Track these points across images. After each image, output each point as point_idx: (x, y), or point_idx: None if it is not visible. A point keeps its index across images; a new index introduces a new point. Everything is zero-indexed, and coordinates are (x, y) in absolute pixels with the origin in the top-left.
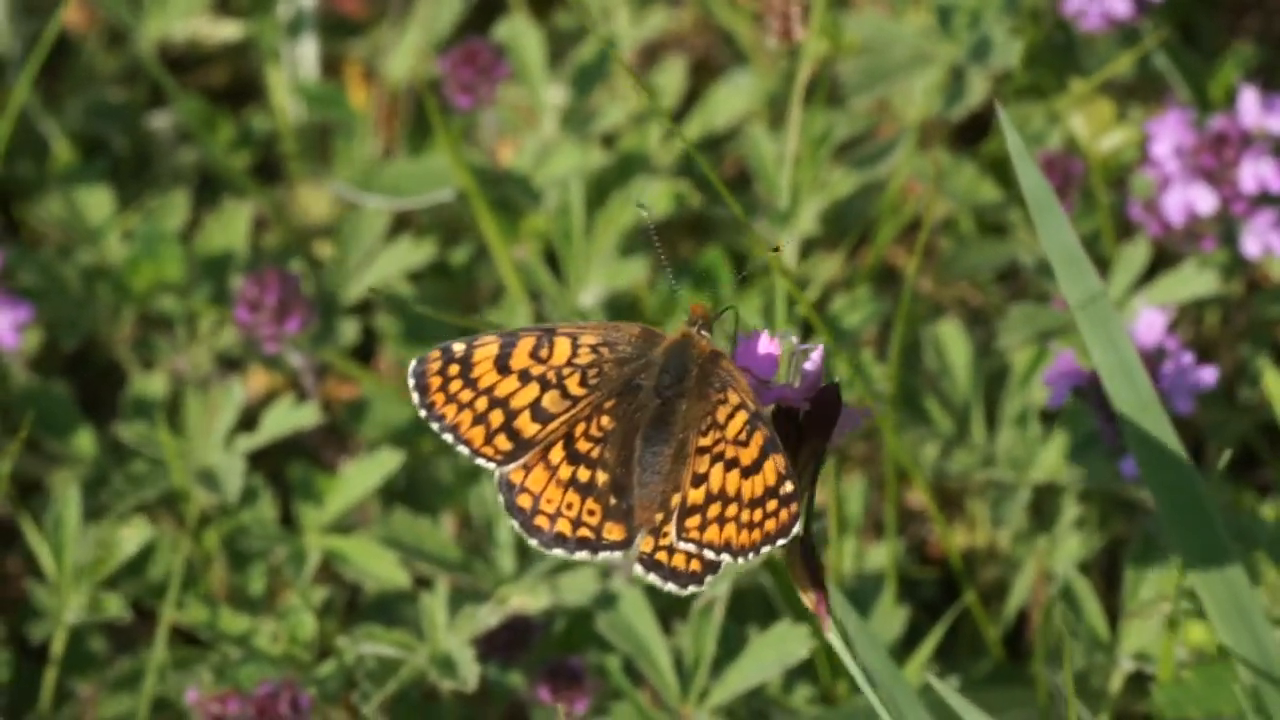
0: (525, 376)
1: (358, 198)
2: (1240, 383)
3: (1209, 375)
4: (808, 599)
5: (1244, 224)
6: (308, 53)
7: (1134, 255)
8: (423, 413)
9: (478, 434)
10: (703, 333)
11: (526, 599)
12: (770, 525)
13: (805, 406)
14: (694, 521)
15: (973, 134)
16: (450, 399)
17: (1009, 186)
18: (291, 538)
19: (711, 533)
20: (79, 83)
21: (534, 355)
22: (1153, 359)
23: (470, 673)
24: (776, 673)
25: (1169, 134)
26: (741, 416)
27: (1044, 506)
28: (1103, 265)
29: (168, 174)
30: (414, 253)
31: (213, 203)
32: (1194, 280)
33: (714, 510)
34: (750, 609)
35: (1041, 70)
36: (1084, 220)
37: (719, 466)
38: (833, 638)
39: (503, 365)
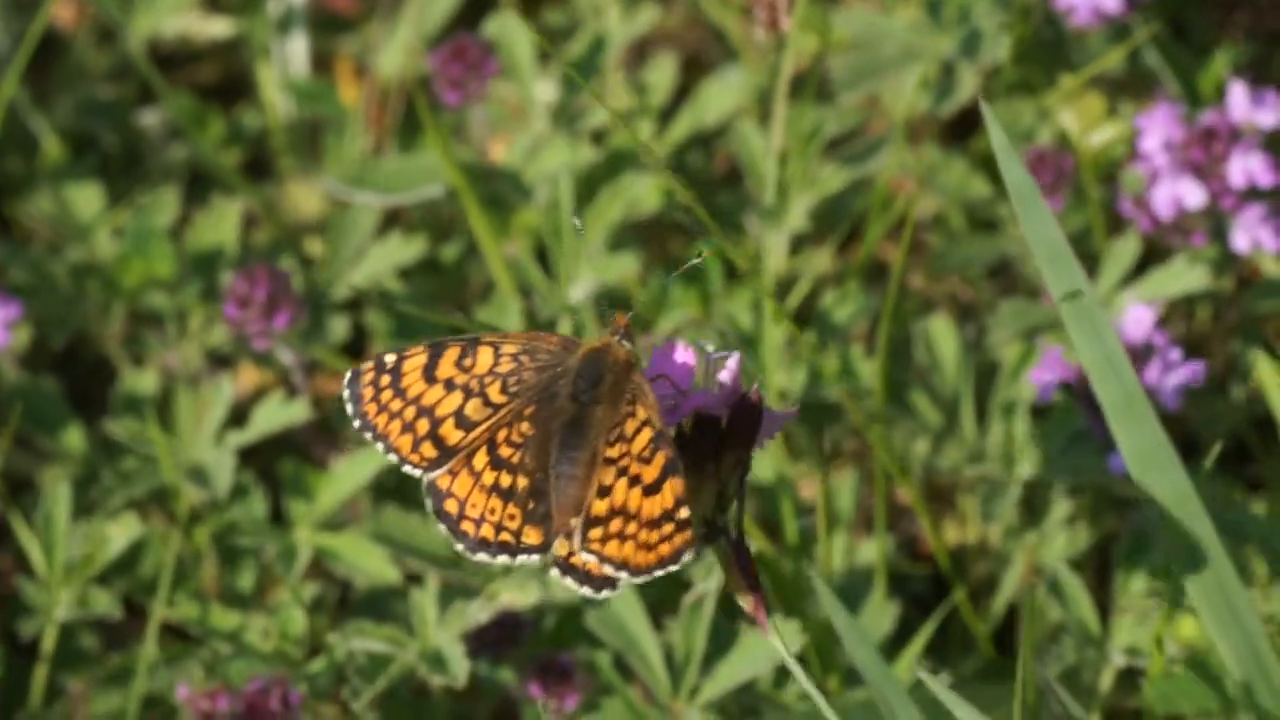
0: (450, 385)
1: (348, 194)
2: (1231, 378)
3: (1197, 370)
4: (745, 602)
5: (1233, 219)
6: (298, 49)
7: (1124, 250)
8: (356, 423)
9: (405, 442)
10: (623, 342)
11: (516, 595)
12: (665, 549)
13: (724, 414)
14: (596, 533)
15: (962, 129)
16: (381, 409)
17: (999, 182)
18: (282, 534)
19: (611, 547)
20: (68, 79)
21: (458, 364)
22: (1141, 354)
23: (460, 669)
24: (767, 668)
25: (1158, 129)
26: (647, 433)
27: (1034, 502)
28: (1093, 261)
29: (158, 171)
30: (404, 249)
31: (203, 200)
32: (1184, 275)
33: (615, 525)
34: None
35: (1031, 66)
36: (1074, 216)
37: (623, 481)
38: (774, 640)
39: (429, 375)
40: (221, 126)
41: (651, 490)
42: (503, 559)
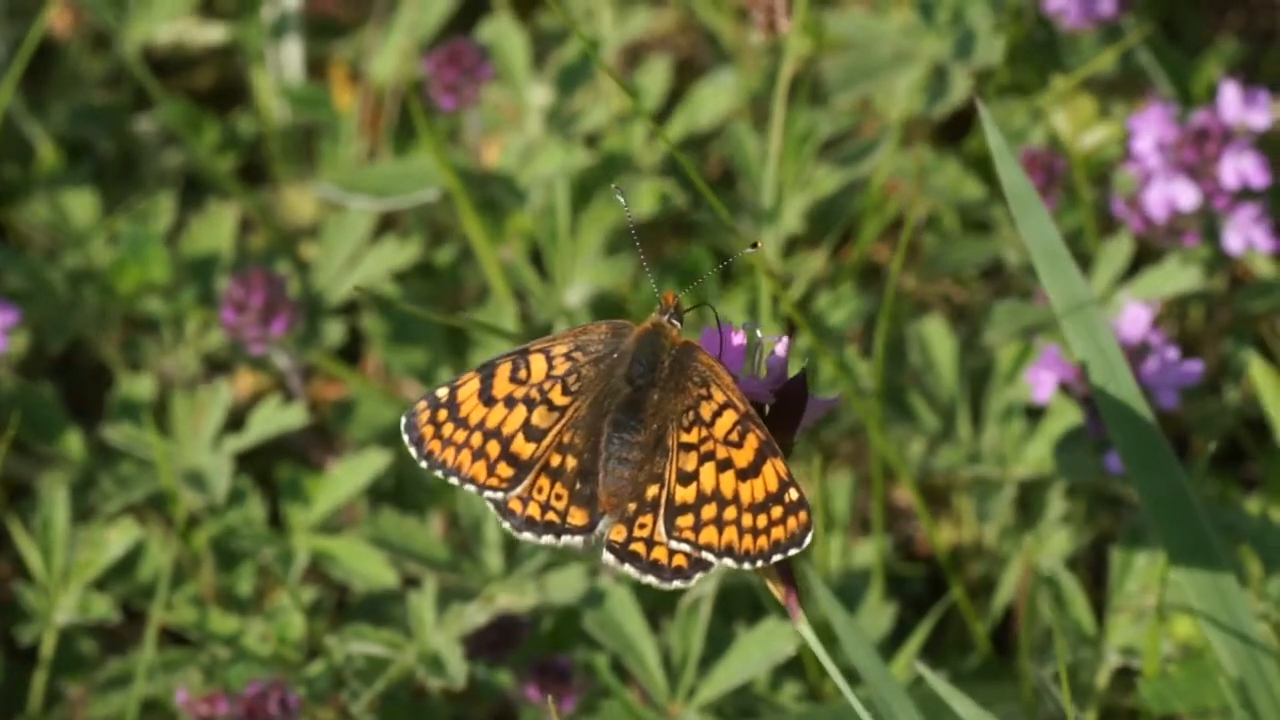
0: (510, 401)
1: (342, 199)
2: (1224, 378)
3: (1194, 369)
4: (778, 591)
5: (1226, 219)
6: (292, 55)
7: (1117, 251)
8: (423, 464)
9: (479, 469)
10: (673, 322)
11: (514, 597)
12: (778, 533)
13: (771, 399)
14: (686, 521)
15: (955, 131)
16: (447, 443)
17: (992, 183)
18: (279, 538)
19: (709, 534)
20: (64, 86)
21: (513, 379)
22: (1137, 353)
23: (458, 671)
24: (764, 670)
25: (1151, 129)
26: (730, 416)
27: (1030, 502)
28: (1086, 262)
29: (153, 177)
30: (399, 253)
31: (198, 205)
32: (1177, 275)
33: (709, 511)
34: (737, 606)
35: (1024, 67)
36: (1067, 217)
37: (709, 466)
38: (805, 630)
39: (487, 397)
40: (216, 132)
41: (748, 474)
42: (547, 539)
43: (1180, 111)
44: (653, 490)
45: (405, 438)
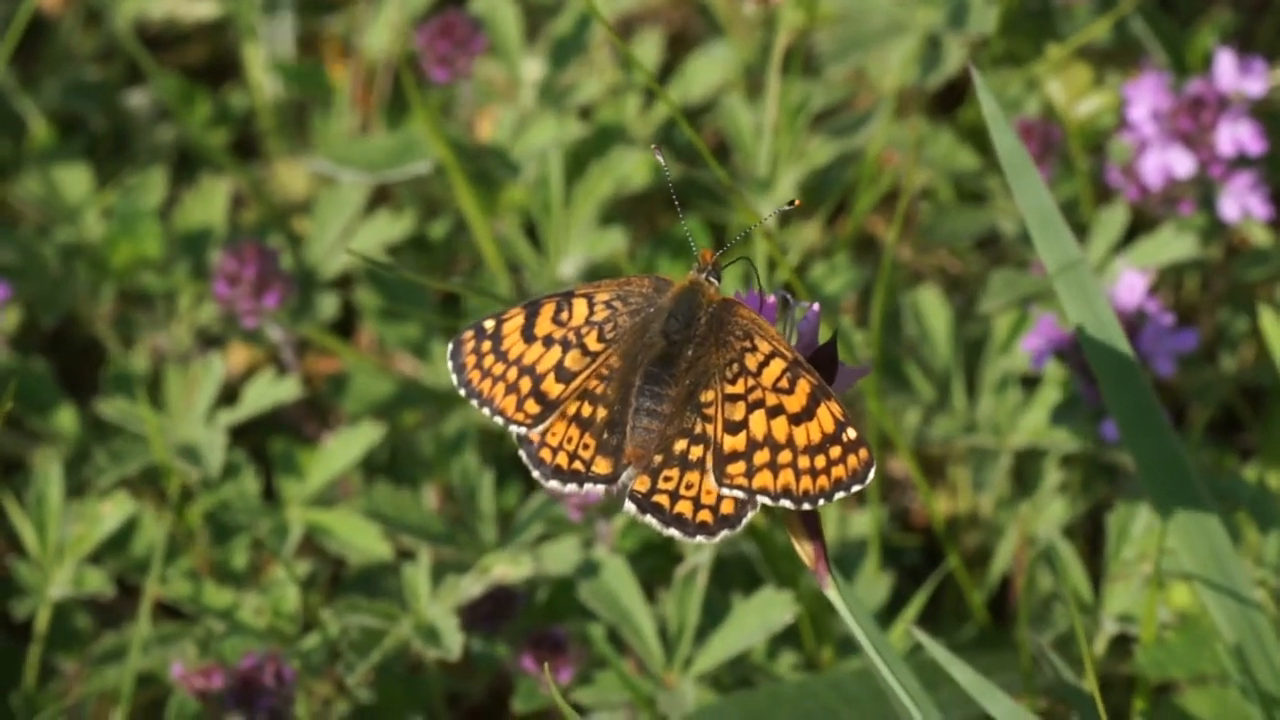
0: (549, 341)
1: (335, 172)
2: (1220, 346)
3: (1189, 338)
4: (804, 552)
5: (1222, 187)
6: (284, 29)
7: (1112, 219)
8: (462, 391)
9: (510, 403)
10: (710, 279)
11: (509, 569)
12: (839, 472)
13: None
14: (738, 468)
15: (950, 102)
16: (485, 374)
17: (987, 153)
18: (274, 512)
19: (763, 479)
20: (56, 61)
21: (555, 319)
22: (1133, 321)
23: (454, 642)
24: (760, 639)
25: (1146, 98)
26: (779, 364)
27: (1026, 471)
28: (1082, 230)
29: (145, 152)
30: (392, 226)
31: (191, 180)
32: (1172, 244)
33: (761, 457)
34: (734, 576)
35: (1018, 37)
36: (1062, 186)
37: (759, 414)
38: (832, 593)
39: (528, 334)
40: (209, 107)
41: (801, 418)
42: (571, 487)
43: (1175, 80)
44: (680, 444)
45: (450, 363)
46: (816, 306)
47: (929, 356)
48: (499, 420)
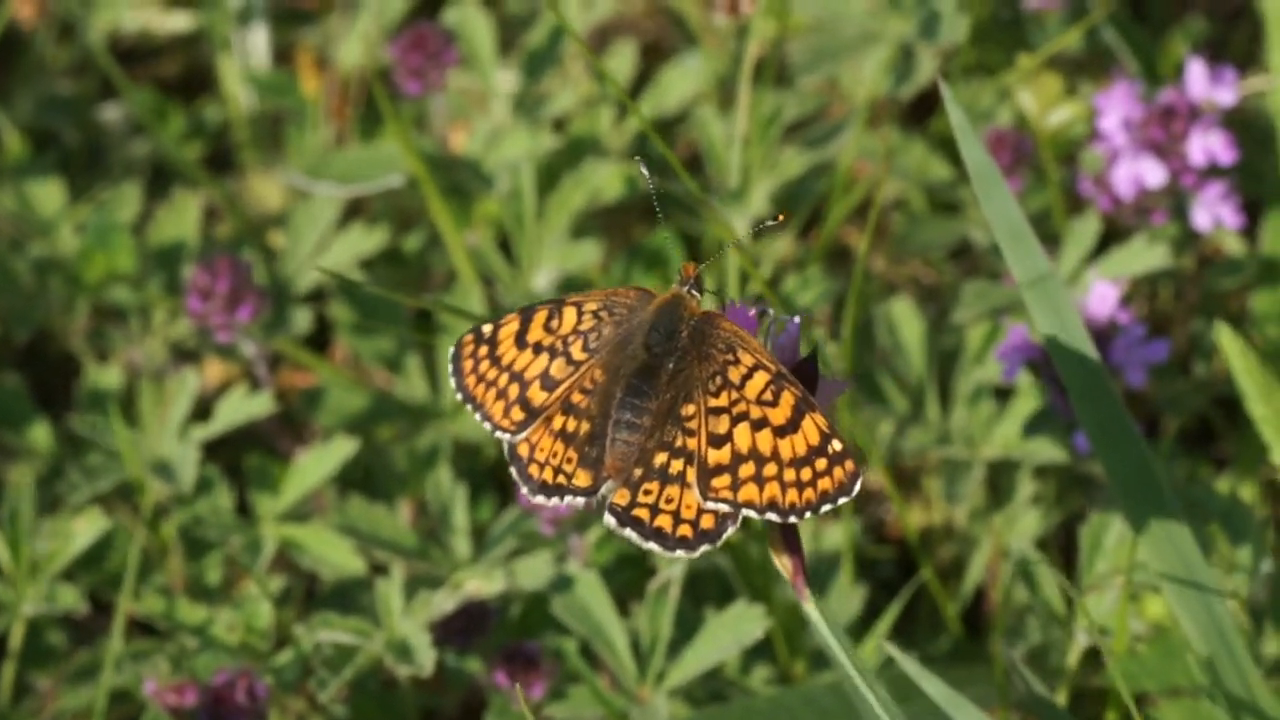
0: (538, 349)
1: (308, 185)
2: (1194, 357)
3: (1161, 348)
4: (783, 566)
5: (1194, 197)
6: (258, 42)
7: (1084, 230)
8: (459, 395)
9: (498, 409)
10: (693, 292)
11: (482, 584)
12: (825, 484)
13: None
14: (722, 481)
15: (922, 112)
16: (480, 379)
17: (959, 164)
18: (247, 527)
19: (748, 492)
20: (29, 75)
21: (546, 327)
22: (1105, 332)
23: (426, 658)
24: (734, 653)
25: (1117, 108)
26: (762, 377)
27: (1000, 483)
28: (1054, 241)
29: (119, 166)
30: (366, 240)
31: (165, 194)
32: (1145, 254)
33: (746, 470)
34: (707, 590)
35: (989, 47)
36: (1034, 196)
37: (744, 427)
38: (809, 608)
39: (521, 341)
40: (183, 121)
41: (786, 430)
42: (554, 501)
43: (1147, 89)
44: (661, 458)
45: (450, 366)
46: (797, 320)
47: (902, 368)
48: (486, 426)
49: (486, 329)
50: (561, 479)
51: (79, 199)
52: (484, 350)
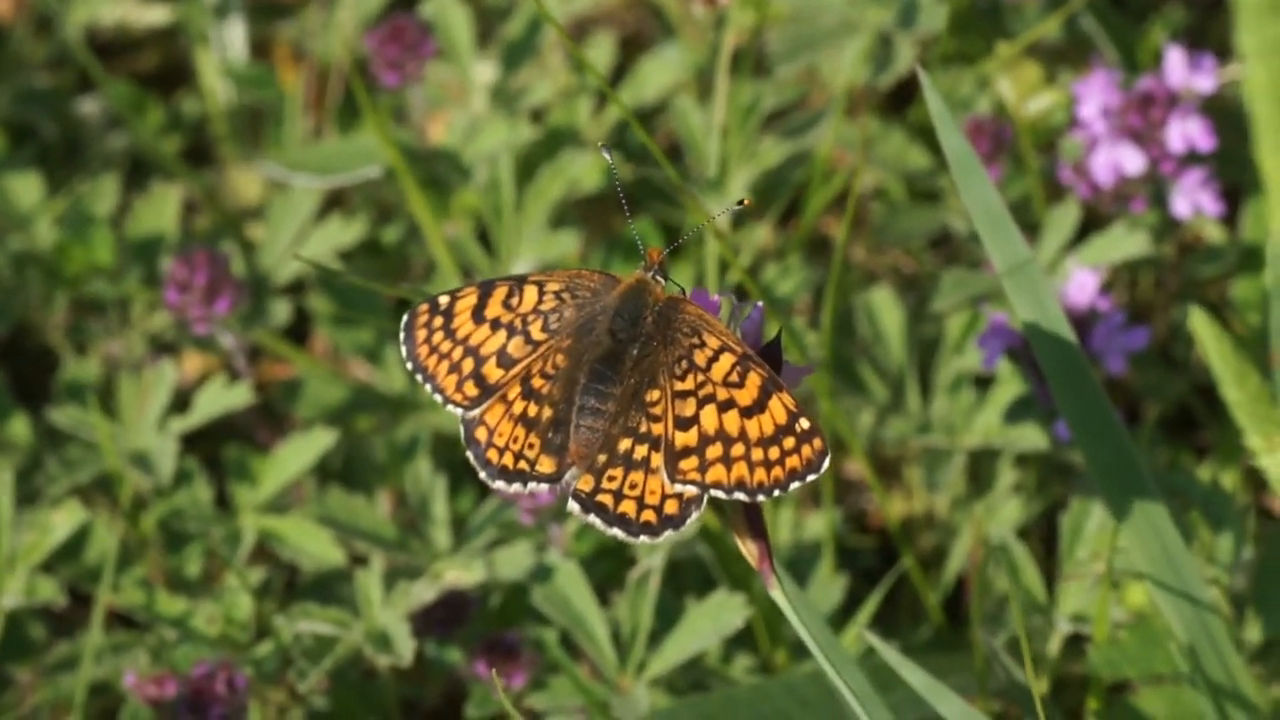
0: (496, 324)
1: (286, 177)
2: (1174, 344)
3: (1141, 335)
4: (749, 552)
5: (1173, 184)
6: (236, 35)
7: (1064, 217)
8: (408, 365)
9: (450, 382)
10: (657, 278)
11: (462, 574)
12: (793, 462)
13: None
14: (690, 463)
15: (901, 101)
16: (432, 350)
17: (938, 152)
18: (226, 519)
19: (716, 473)
20: (6, 69)
21: (505, 304)
22: (1085, 319)
23: (406, 648)
24: (714, 642)
25: (1095, 95)
26: (728, 359)
27: (981, 472)
28: (1034, 229)
29: (97, 159)
30: (345, 231)
31: (143, 187)
32: (1124, 241)
33: (714, 451)
34: (687, 579)
35: (968, 35)
36: (1013, 184)
37: (710, 409)
38: (777, 595)
39: (479, 315)
40: (161, 114)
41: (753, 411)
42: (516, 487)
43: (1125, 77)
44: (625, 444)
45: (401, 335)
46: (760, 305)
47: (882, 357)
48: (437, 398)
49: (443, 300)
50: (523, 464)
51: (57, 192)
52: (439, 321)
